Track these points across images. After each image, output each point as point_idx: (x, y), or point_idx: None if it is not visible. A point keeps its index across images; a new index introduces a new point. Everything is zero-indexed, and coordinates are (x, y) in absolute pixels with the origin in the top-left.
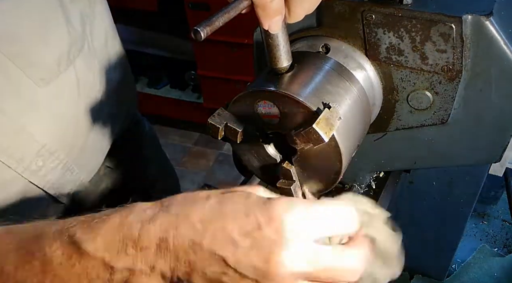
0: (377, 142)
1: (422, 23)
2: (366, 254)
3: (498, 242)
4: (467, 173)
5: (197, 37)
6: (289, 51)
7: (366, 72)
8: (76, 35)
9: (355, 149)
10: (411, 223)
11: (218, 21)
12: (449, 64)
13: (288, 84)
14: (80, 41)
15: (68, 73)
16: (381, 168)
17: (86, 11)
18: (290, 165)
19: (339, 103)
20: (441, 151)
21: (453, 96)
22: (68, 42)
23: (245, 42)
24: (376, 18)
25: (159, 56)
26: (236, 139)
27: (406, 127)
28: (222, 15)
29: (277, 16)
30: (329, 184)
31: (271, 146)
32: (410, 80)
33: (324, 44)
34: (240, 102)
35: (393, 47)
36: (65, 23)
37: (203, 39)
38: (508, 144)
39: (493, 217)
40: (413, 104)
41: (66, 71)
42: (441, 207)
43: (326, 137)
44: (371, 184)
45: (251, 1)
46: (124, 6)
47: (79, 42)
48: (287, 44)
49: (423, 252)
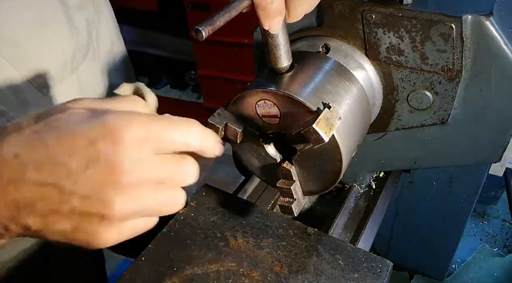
0: (377, 142)
1: (422, 23)
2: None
3: (498, 242)
4: (467, 173)
5: (199, 37)
6: (289, 51)
7: (366, 72)
8: (81, 42)
9: (355, 149)
10: (411, 223)
11: (219, 20)
12: (449, 64)
13: (288, 84)
14: (85, 48)
15: (72, 78)
16: (381, 168)
17: (92, 18)
18: (290, 165)
19: (339, 103)
20: (441, 151)
21: (453, 96)
22: (72, 48)
23: (245, 42)
24: (376, 18)
25: (159, 56)
26: (236, 139)
27: (406, 127)
28: (223, 14)
29: (278, 17)
30: (329, 184)
31: (271, 146)
32: (410, 80)
33: (324, 44)
34: (240, 102)
35: (393, 47)
36: (69, 30)
37: (204, 39)
38: (508, 144)
39: (493, 217)
40: (413, 104)
41: (70, 77)
42: (441, 207)
43: (326, 137)
44: (371, 184)
45: (252, 1)
46: (124, 6)
47: (84, 49)
48: (287, 44)
49: (423, 252)
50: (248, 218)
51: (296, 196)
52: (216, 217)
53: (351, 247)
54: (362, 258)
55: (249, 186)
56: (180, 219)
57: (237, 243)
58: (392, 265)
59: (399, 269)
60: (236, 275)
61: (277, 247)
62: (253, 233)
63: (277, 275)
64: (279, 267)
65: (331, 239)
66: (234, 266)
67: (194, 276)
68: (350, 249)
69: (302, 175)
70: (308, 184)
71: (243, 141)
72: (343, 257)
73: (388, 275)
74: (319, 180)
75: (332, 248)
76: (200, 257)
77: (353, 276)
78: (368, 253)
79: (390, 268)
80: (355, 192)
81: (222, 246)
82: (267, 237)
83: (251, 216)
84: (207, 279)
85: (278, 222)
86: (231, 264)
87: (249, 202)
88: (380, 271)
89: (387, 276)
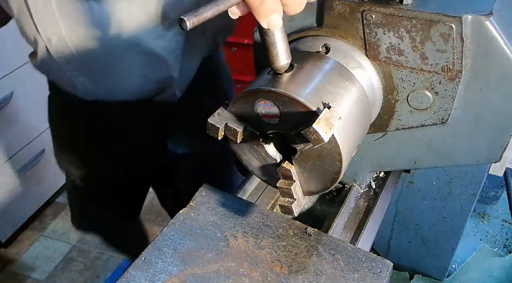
0: (377, 142)
1: (422, 23)
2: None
3: (498, 242)
4: (467, 173)
5: (183, 26)
6: (288, 49)
7: (366, 72)
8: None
9: (355, 149)
10: (411, 223)
11: (206, 12)
12: (449, 64)
13: (288, 84)
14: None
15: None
16: (381, 168)
17: None
18: (290, 165)
19: (339, 103)
20: (441, 151)
21: (453, 96)
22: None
23: (245, 42)
24: (376, 18)
25: None
26: (236, 139)
27: (406, 127)
28: (211, 7)
29: (272, 14)
30: (329, 184)
31: (271, 146)
32: (410, 80)
33: (324, 44)
34: (240, 102)
35: (393, 47)
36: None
37: (189, 29)
38: (508, 144)
39: (493, 217)
40: (413, 104)
41: None
42: (441, 207)
43: (326, 137)
44: (371, 184)
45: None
46: None
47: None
48: (285, 42)
49: (423, 252)
50: (248, 218)
51: (296, 196)
52: (216, 217)
53: (351, 247)
54: (362, 258)
55: (249, 186)
56: (180, 219)
57: (237, 243)
58: (392, 265)
59: (399, 269)
60: (236, 275)
61: (277, 247)
62: (253, 233)
63: (277, 275)
64: (279, 267)
65: (331, 239)
66: (234, 266)
67: (194, 276)
68: (350, 249)
69: (302, 175)
70: (308, 184)
71: (243, 141)
72: (343, 257)
73: (388, 275)
74: (319, 180)
75: (332, 248)
76: (200, 257)
77: (353, 276)
78: (368, 253)
79: (390, 268)
80: (355, 192)
81: (222, 246)
82: (267, 237)
83: (251, 216)
84: (207, 279)
85: (278, 222)
86: (231, 264)
87: (249, 202)
88: (380, 271)
89: (387, 276)
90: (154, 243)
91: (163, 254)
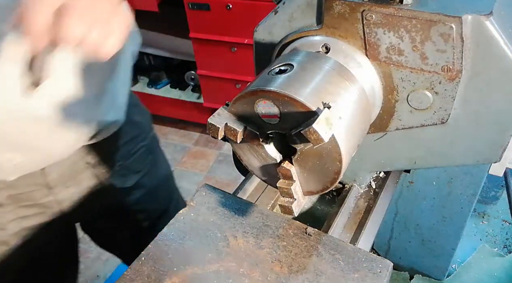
0: (377, 142)
1: (422, 23)
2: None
3: (498, 242)
4: (467, 173)
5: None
6: None
7: (366, 72)
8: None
9: (355, 149)
10: (411, 223)
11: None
12: (449, 64)
13: (288, 84)
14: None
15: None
16: (381, 168)
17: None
18: (290, 165)
19: (339, 103)
20: (441, 151)
21: (453, 96)
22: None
23: (245, 42)
24: (376, 18)
25: (159, 56)
26: (236, 139)
27: (406, 127)
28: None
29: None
30: (329, 184)
31: (271, 146)
32: (410, 80)
33: (324, 44)
34: (240, 102)
35: (393, 47)
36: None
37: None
38: (508, 144)
39: (493, 217)
40: (413, 104)
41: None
42: (441, 207)
43: (326, 137)
44: (371, 184)
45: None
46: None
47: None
48: None
49: (423, 252)
50: (248, 218)
51: (296, 196)
52: (216, 217)
53: (351, 247)
54: (362, 258)
55: (249, 186)
56: (180, 219)
57: (237, 243)
58: (392, 265)
59: (399, 269)
60: (236, 275)
61: (277, 247)
62: (253, 233)
63: (277, 275)
64: (279, 267)
65: (331, 239)
66: (234, 266)
67: (194, 276)
68: (350, 249)
69: (302, 175)
70: (308, 184)
71: (243, 141)
72: (343, 257)
73: (388, 275)
74: (319, 180)
75: (332, 248)
76: (200, 257)
77: (353, 276)
78: (368, 253)
79: (390, 268)
80: (355, 192)
81: (222, 246)
82: (267, 237)
83: (251, 216)
84: (207, 279)
85: (278, 222)
86: (231, 264)
87: (249, 202)
88: (380, 271)
89: (387, 276)
90: (154, 243)
91: (164, 254)
